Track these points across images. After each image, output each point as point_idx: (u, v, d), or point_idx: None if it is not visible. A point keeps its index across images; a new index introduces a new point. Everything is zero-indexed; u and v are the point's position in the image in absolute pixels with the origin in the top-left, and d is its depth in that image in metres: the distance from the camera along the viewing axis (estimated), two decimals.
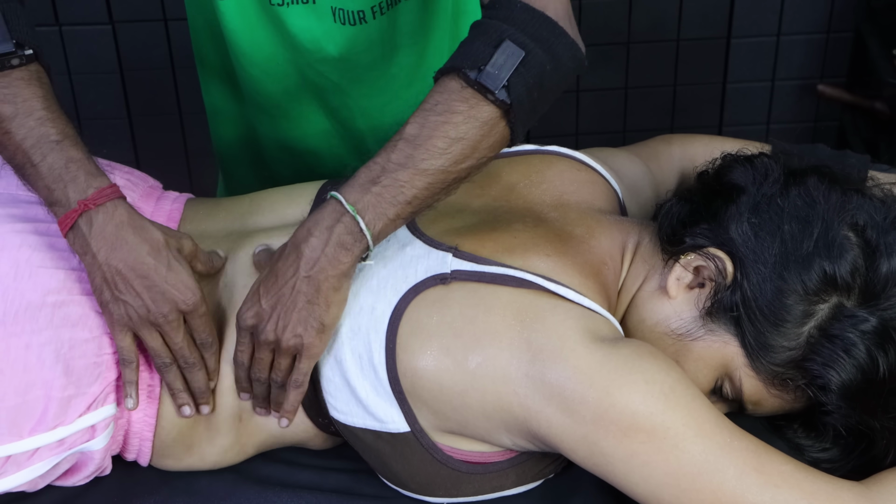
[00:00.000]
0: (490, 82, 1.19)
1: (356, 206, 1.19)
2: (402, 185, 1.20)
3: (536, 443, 1.24)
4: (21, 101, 1.24)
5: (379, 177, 1.20)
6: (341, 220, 1.20)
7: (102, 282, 1.23)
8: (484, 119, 1.20)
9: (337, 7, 1.45)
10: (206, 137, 2.68)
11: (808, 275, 1.21)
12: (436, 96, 1.21)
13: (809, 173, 1.28)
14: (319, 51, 1.50)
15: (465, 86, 1.20)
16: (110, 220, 1.23)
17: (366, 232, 1.19)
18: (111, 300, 1.24)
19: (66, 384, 1.24)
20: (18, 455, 1.25)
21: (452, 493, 1.29)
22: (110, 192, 1.24)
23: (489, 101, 1.20)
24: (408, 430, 1.26)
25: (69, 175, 1.23)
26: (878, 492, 1.17)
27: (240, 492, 1.31)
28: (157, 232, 1.25)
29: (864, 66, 2.59)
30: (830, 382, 1.20)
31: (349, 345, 1.26)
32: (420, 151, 1.20)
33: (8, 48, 1.24)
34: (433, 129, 1.20)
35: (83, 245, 1.23)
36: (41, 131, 1.24)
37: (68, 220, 1.22)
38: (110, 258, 1.22)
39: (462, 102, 1.20)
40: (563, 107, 2.69)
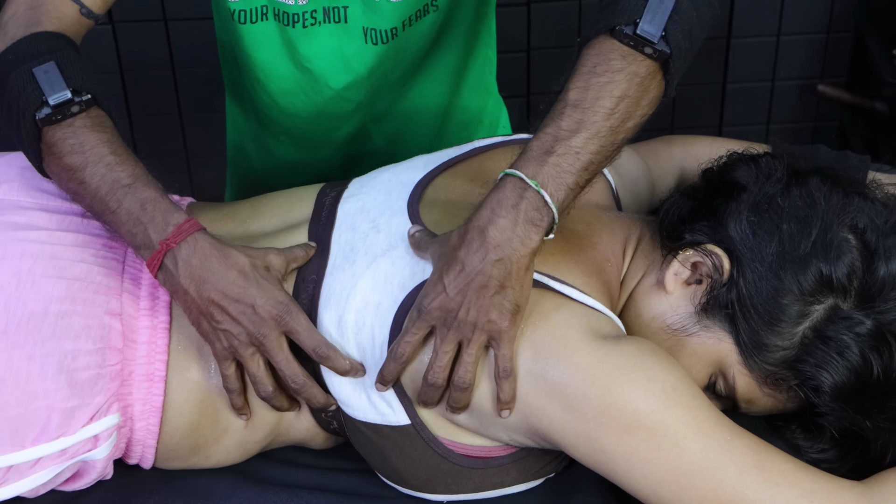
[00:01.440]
0: (649, 33, 1.18)
1: (537, 180, 1.16)
2: (578, 151, 1.17)
3: (536, 439, 1.24)
4: (88, 149, 1.23)
5: (553, 146, 1.17)
6: (525, 195, 1.16)
7: (199, 315, 1.23)
8: (643, 74, 1.19)
9: (369, 28, 1.46)
10: (207, 137, 2.69)
11: (804, 275, 1.21)
12: (592, 58, 1.20)
13: (813, 174, 1.28)
14: (349, 72, 1.50)
15: (620, 43, 1.19)
16: (194, 254, 1.22)
17: (551, 205, 1.16)
18: (210, 332, 1.23)
19: (70, 395, 1.24)
20: (20, 465, 1.25)
21: (453, 489, 1.29)
22: (189, 226, 1.23)
23: (646, 55, 1.19)
24: (408, 422, 1.26)
25: (147, 217, 1.22)
26: (879, 491, 1.17)
27: (240, 492, 1.31)
28: (241, 256, 1.24)
29: (864, 66, 2.59)
30: (823, 384, 1.21)
31: (353, 339, 1.27)
32: (589, 114, 1.17)
33: (66, 96, 1.23)
34: (597, 90, 1.18)
35: (173, 283, 1.23)
36: (112, 177, 1.23)
37: (155, 261, 1.22)
38: (201, 290, 1.22)
39: (620, 60, 1.19)
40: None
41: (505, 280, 1.16)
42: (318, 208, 1.39)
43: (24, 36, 1.27)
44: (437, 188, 1.37)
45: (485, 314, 1.17)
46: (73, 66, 1.25)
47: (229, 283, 1.22)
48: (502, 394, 1.20)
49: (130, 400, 1.29)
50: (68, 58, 1.25)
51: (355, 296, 1.27)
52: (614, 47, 1.19)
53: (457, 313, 1.18)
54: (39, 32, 1.27)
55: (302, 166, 1.67)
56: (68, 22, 1.30)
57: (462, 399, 1.21)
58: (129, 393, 1.29)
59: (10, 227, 1.30)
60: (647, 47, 1.18)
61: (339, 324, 1.28)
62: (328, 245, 1.34)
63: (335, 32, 1.47)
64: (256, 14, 1.47)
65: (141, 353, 1.29)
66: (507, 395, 1.20)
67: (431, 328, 1.20)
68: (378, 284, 1.26)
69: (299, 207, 1.42)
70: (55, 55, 1.25)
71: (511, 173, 1.17)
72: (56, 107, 1.23)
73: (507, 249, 1.16)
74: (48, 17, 1.29)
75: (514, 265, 1.16)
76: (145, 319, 1.31)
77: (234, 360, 1.25)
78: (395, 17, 1.45)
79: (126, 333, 1.29)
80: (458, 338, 1.19)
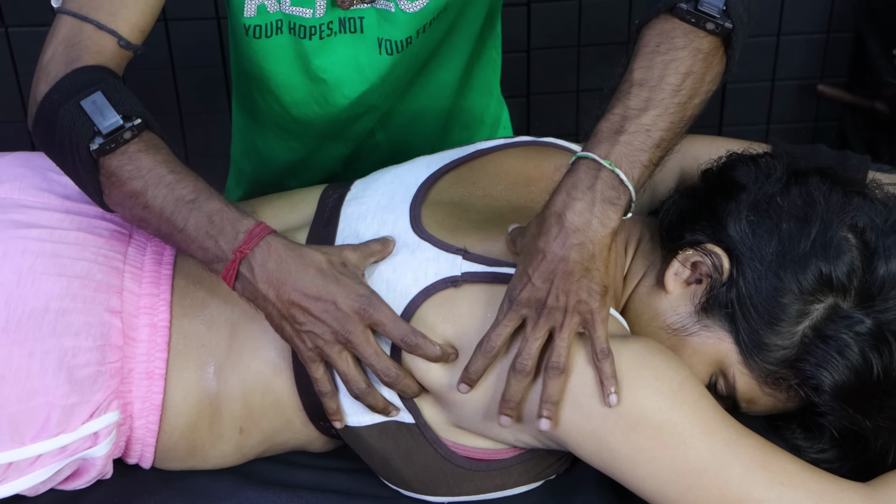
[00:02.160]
0: (711, 8, 1.19)
1: (610, 159, 1.16)
2: (648, 128, 1.17)
3: (542, 438, 1.24)
4: (146, 172, 1.22)
5: (622, 125, 1.17)
6: (599, 176, 1.16)
7: (281, 319, 1.22)
8: (706, 50, 1.19)
9: (383, 38, 1.46)
10: (207, 137, 2.69)
11: (804, 274, 1.21)
12: (653, 38, 1.20)
13: (812, 174, 1.28)
14: (364, 81, 1.50)
15: (682, 21, 1.19)
16: (269, 258, 1.21)
17: (627, 183, 1.15)
18: (294, 335, 1.22)
19: (69, 392, 1.24)
20: (20, 462, 1.25)
21: (454, 491, 1.29)
22: (259, 230, 1.21)
23: (708, 31, 1.19)
24: (412, 421, 1.26)
25: (215, 229, 1.21)
26: (885, 493, 1.18)
27: (240, 492, 1.31)
28: (316, 254, 1.23)
29: (864, 66, 2.58)
30: (823, 383, 1.21)
31: None
32: (656, 92, 1.18)
33: (117, 123, 1.22)
34: (662, 68, 1.18)
35: (252, 291, 1.21)
36: (175, 195, 1.22)
37: (230, 272, 1.21)
38: (280, 293, 1.20)
39: (682, 37, 1.19)
40: (563, 107, 2.69)
41: (589, 262, 1.16)
42: (321, 210, 1.39)
43: (66, 73, 1.26)
44: (440, 190, 1.37)
45: (574, 296, 1.16)
46: (119, 94, 1.24)
47: (308, 282, 1.20)
48: (603, 376, 1.18)
49: (130, 397, 1.29)
50: (114, 86, 1.25)
51: None
52: (675, 26, 1.19)
53: (545, 300, 1.16)
54: (81, 67, 1.26)
55: (307, 163, 1.67)
56: (108, 55, 1.30)
57: (556, 386, 1.18)
58: (128, 391, 1.29)
59: (12, 226, 1.30)
60: (709, 23, 1.19)
61: None
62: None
63: (350, 43, 1.47)
64: (271, 28, 1.47)
65: (141, 350, 1.29)
66: (608, 377, 1.17)
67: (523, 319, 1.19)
68: (381, 291, 1.26)
69: (301, 209, 1.42)
70: (100, 85, 1.24)
71: (583, 156, 1.17)
72: (108, 135, 1.22)
73: (587, 232, 1.15)
74: (87, 52, 1.28)
75: (595, 246, 1.15)
76: (145, 317, 1.31)
77: (322, 362, 1.24)
78: (409, 27, 1.45)
79: (126, 331, 1.29)
80: (551, 324, 1.17)
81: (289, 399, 1.31)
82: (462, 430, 1.27)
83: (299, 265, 1.21)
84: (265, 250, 1.21)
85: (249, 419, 1.32)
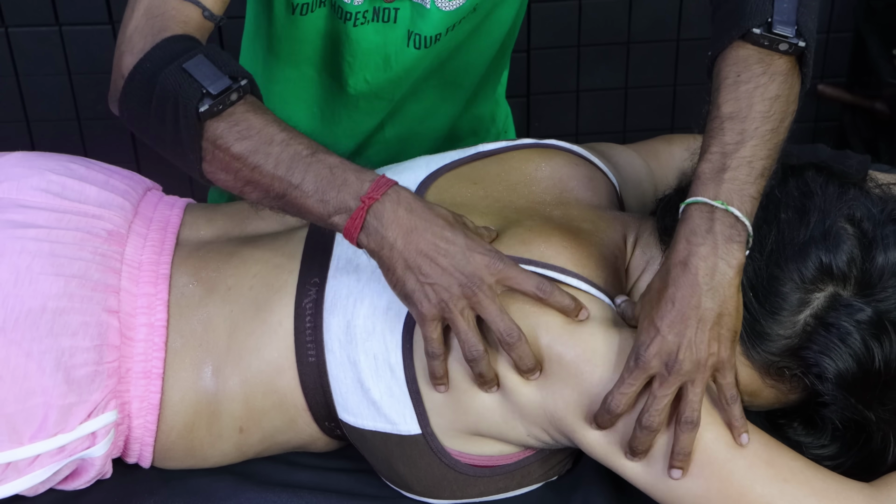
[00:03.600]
0: (784, 29, 1.19)
1: (720, 199, 1.15)
2: (750, 160, 1.17)
3: (554, 433, 1.24)
4: (257, 133, 1.20)
5: (724, 163, 1.16)
6: (714, 217, 1.15)
7: (406, 271, 1.18)
8: (783, 72, 1.20)
9: (414, 32, 1.46)
10: None
11: (804, 264, 1.22)
12: (732, 68, 1.20)
13: (808, 168, 1.29)
14: (387, 69, 1.50)
15: (756, 46, 1.20)
16: (398, 206, 1.17)
17: (743, 219, 1.15)
18: (417, 289, 1.18)
19: (67, 392, 1.24)
20: (19, 462, 1.25)
21: (458, 495, 1.29)
22: (385, 181, 1.18)
23: (780, 52, 1.20)
24: (419, 432, 1.26)
25: (338, 180, 1.18)
26: (889, 494, 1.18)
27: (240, 492, 1.31)
28: (441, 209, 1.20)
29: (864, 66, 2.58)
30: (826, 371, 1.21)
31: (363, 346, 1.26)
32: (749, 122, 1.18)
33: (225, 83, 1.19)
34: (749, 97, 1.18)
35: (378, 240, 1.18)
36: (290, 152, 1.19)
37: (357, 220, 1.17)
38: (409, 241, 1.17)
39: (759, 64, 1.20)
40: (563, 107, 2.69)
41: (721, 307, 1.14)
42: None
43: (156, 43, 1.24)
44: (439, 189, 1.37)
45: (707, 349, 1.14)
46: (221, 57, 1.22)
47: (438, 232, 1.18)
48: (733, 419, 1.17)
49: (128, 397, 1.29)
50: (214, 49, 1.23)
51: (363, 301, 1.27)
52: (750, 52, 1.20)
53: (677, 355, 1.13)
54: (171, 37, 1.24)
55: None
56: (193, 26, 1.28)
57: (689, 440, 1.16)
58: (126, 390, 1.29)
59: (10, 225, 1.30)
60: (783, 43, 1.19)
61: (347, 329, 1.27)
62: (330, 246, 1.34)
63: (380, 31, 1.46)
64: (315, 4, 1.46)
65: (138, 350, 1.29)
66: (740, 419, 1.17)
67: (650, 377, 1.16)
68: (385, 289, 1.26)
69: None
70: (199, 49, 1.21)
71: (693, 201, 1.16)
72: (217, 96, 1.19)
73: (716, 276, 1.13)
74: (174, 22, 1.26)
75: (726, 290, 1.14)
76: (143, 317, 1.30)
77: (439, 321, 1.19)
78: (441, 24, 1.45)
79: (123, 331, 1.29)
80: (682, 381, 1.15)
81: (293, 398, 1.31)
82: (470, 436, 1.26)
83: (429, 215, 1.18)
84: (394, 198, 1.18)
85: (250, 419, 1.32)
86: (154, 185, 1.49)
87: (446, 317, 1.18)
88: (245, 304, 1.32)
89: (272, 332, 1.30)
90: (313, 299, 1.30)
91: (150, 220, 1.39)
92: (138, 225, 1.38)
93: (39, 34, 2.50)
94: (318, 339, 1.29)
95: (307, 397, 1.30)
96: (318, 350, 1.29)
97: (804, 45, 1.20)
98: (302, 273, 1.32)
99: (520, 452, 1.29)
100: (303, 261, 1.33)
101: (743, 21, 1.20)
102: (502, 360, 1.21)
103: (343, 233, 1.18)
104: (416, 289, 1.17)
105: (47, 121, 2.61)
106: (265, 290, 1.32)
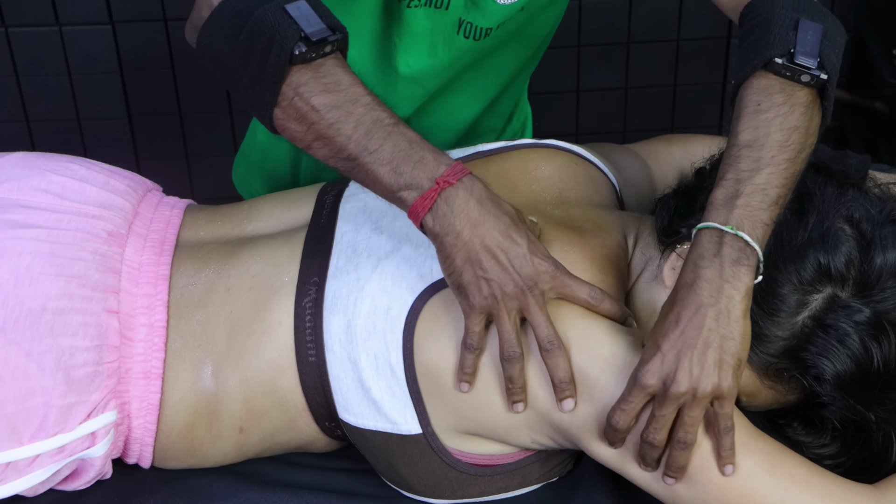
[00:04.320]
0: (806, 61, 1.19)
1: (731, 224, 1.14)
2: (764, 187, 1.16)
3: (557, 437, 1.24)
4: (344, 89, 1.18)
5: (737, 189, 1.16)
6: (723, 241, 1.14)
7: (465, 262, 1.17)
8: (804, 104, 1.20)
9: (466, 21, 1.44)
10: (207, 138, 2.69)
11: (802, 265, 1.22)
12: (753, 97, 1.20)
13: (806, 168, 1.28)
14: (432, 57, 1.48)
15: (777, 76, 1.20)
16: (470, 196, 1.17)
17: (753, 244, 1.14)
18: (472, 281, 1.17)
19: (67, 392, 1.24)
20: (18, 462, 1.25)
21: (458, 494, 1.29)
22: (461, 168, 1.17)
23: (802, 84, 1.20)
24: (419, 432, 1.26)
25: (416, 156, 1.17)
26: (892, 495, 1.18)
27: (240, 492, 1.31)
28: (508, 205, 1.20)
29: (864, 66, 2.58)
30: (825, 372, 1.21)
31: (363, 346, 1.26)
32: (766, 151, 1.17)
33: (324, 32, 1.18)
34: (767, 126, 1.18)
35: (445, 225, 1.16)
36: (373, 116, 1.18)
37: (427, 201, 1.16)
38: (475, 235, 1.16)
39: (780, 94, 1.20)
40: (563, 107, 2.69)
41: (725, 330, 1.12)
42: (319, 208, 1.39)
43: None
44: None
45: (707, 378, 1.12)
46: (321, 7, 1.20)
47: (503, 229, 1.17)
48: (723, 449, 1.16)
49: (128, 397, 1.29)
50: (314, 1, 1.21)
51: (363, 300, 1.27)
52: (772, 82, 1.20)
53: (675, 375, 1.12)
54: None
55: None
56: None
57: (683, 458, 1.16)
58: (126, 390, 1.29)
59: (10, 226, 1.30)
60: (805, 75, 1.19)
61: (348, 329, 1.27)
62: (329, 246, 1.34)
63: (431, 16, 1.45)
64: None
65: (138, 350, 1.29)
66: (730, 449, 1.16)
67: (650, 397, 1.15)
68: (386, 288, 1.26)
69: (299, 207, 1.42)
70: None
71: (704, 226, 1.15)
72: (313, 43, 1.17)
73: (721, 299, 1.12)
74: None
75: (731, 312, 1.13)
76: (142, 317, 1.30)
77: (485, 316, 1.19)
78: (495, 18, 1.44)
79: (123, 331, 1.29)
80: (679, 403, 1.13)
81: (293, 398, 1.31)
82: (470, 436, 1.26)
83: (497, 210, 1.18)
84: (468, 186, 1.17)
85: (250, 419, 1.32)
86: (154, 186, 1.49)
87: (493, 313, 1.18)
88: (244, 304, 1.32)
89: (272, 331, 1.30)
90: (313, 299, 1.30)
91: (150, 221, 1.39)
92: (138, 226, 1.38)
93: (39, 34, 2.50)
94: (319, 339, 1.29)
95: (307, 397, 1.30)
96: (318, 350, 1.29)
97: (826, 78, 1.20)
98: (301, 273, 1.32)
99: (521, 452, 1.29)
100: (302, 260, 1.33)
101: (766, 51, 1.20)
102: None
103: (408, 209, 1.18)
104: (472, 281, 1.17)
105: (47, 121, 2.61)
106: (264, 291, 1.32)
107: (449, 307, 1.24)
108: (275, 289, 1.32)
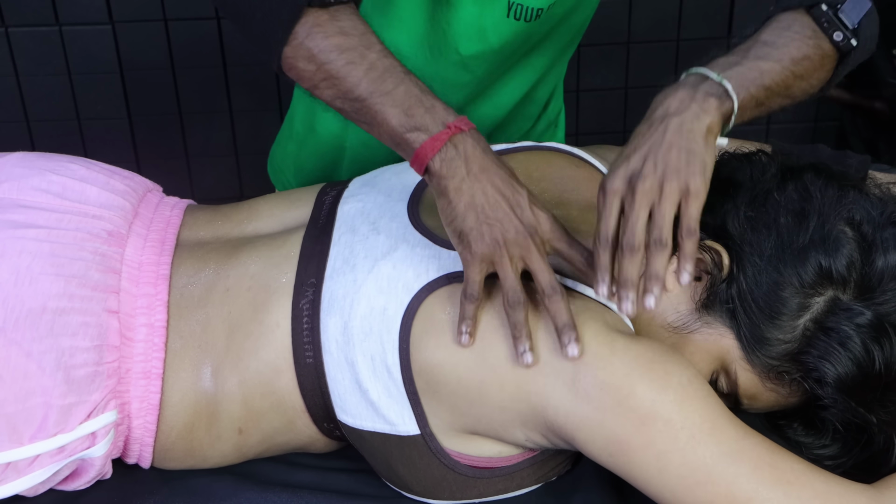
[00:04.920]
0: (847, 17, 1.27)
1: (719, 75, 1.20)
2: (763, 71, 1.22)
3: (551, 436, 1.23)
4: (360, 34, 1.21)
5: (740, 61, 1.22)
6: (706, 81, 1.20)
7: (468, 207, 1.18)
8: (825, 52, 1.28)
9: (516, 2, 1.45)
10: (207, 138, 2.69)
11: (803, 268, 1.22)
12: (787, 19, 1.28)
13: (806, 169, 1.29)
14: (482, 42, 1.49)
15: (814, 21, 1.28)
16: (478, 144, 1.19)
17: (732, 94, 1.18)
18: (474, 227, 1.18)
19: (67, 392, 1.24)
20: (19, 462, 1.25)
21: (457, 496, 1.29)
22: (467, 121, 1.20)
23: (831, 41, 1.27)
24: (417, 432, 1.26)
25: (427, 103, 1.19)
26: (891, 495, 1.17)
27: (240, 492, 1.31)
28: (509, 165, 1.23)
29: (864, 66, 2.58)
30: (826, 375, 1.21)
31: (360, 347, 1.26)
32: (777, 51, 1.24)
33: None
34: (788, 40, 1.26)
35: (452, 168, 1.18)
36: (386, 63, 1.20)
37: (437, 142, 1.18)
38: (479, 180, 1.18)
39: (810, 30, 1.28)
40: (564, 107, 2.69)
41: (689, 143, 1.16)
42: (318, 209, 1.39)
43: None
44: None
45: (672, 172, 1.14)
46: None
47: (506, 179, 1.19)
48: (682, 256, 1.16)
49: (128, 397, 1.29)
50: None
51: (359, 301, 1.27)
52: (808, 22, 1.28)
53: (641, 171, 1.15)
54: None
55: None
56: None
57: (661, 261, 1.14)
58: (126, 390, 1.29)
59: (10, 226, 1.30)
60: (839, 32, 1.27)
61: (344, 330, 1.27)
62: (327, 247, 1.34)
63: (478, 2, 1.45)
64: None
65: (138, 350, 1.29)
66: (688, 255, 1.15)
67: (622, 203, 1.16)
68: (382, 289, 1.26)
69: (298, 208, 1.42)
70: None
71: (693, 71, 1.21)
72: None
73: (687, 115, 1.17)
74: None
75: (694, 127, 1.16)
76: (142, 318, 1.31)
77: (486, 266, 1.19)
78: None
79: (123, 331, 1.29)
80: (649, 200, 1.14)
81: (291, 400, 1.31)
82: (469, 436, 1.26)
83: (501, 163, 1.20)
84: (476, 136, 1.20)
85: (249, 420, 1.32)
86: (154, 186, 1.49)
87: (496, 260, 1.19)
88: (243, 305, 1.32)
89: (269, 333, 1.30)
90: (310, 300, 1.30)
91: (150, 221, 1.40)
92: (138, 226, 1.38)
93: (39, 34, 2.51)
94: (316, 341, 1.29)
95: (305, 399, 1.31)
96: (315, 351, 1.29)
97: (854, 46, 1.26)
98: (299, 274, 1.32)
99: (519, 455, 1.29)
100: (299, 261, 1.33)
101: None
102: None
103: (416, 151, 1.19)
104: (475, 227, 1.18)
105: (47, 121, 2.61)
106: (262, 291, 1.32)
107: (445, 305, 1.24)
108: (273, 289, 1.32)
